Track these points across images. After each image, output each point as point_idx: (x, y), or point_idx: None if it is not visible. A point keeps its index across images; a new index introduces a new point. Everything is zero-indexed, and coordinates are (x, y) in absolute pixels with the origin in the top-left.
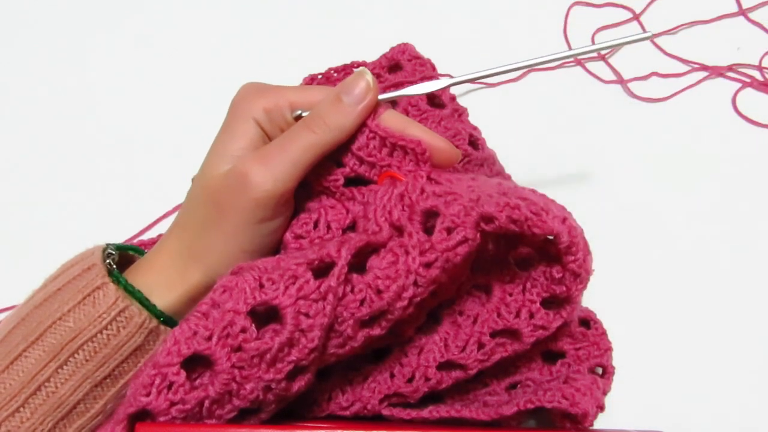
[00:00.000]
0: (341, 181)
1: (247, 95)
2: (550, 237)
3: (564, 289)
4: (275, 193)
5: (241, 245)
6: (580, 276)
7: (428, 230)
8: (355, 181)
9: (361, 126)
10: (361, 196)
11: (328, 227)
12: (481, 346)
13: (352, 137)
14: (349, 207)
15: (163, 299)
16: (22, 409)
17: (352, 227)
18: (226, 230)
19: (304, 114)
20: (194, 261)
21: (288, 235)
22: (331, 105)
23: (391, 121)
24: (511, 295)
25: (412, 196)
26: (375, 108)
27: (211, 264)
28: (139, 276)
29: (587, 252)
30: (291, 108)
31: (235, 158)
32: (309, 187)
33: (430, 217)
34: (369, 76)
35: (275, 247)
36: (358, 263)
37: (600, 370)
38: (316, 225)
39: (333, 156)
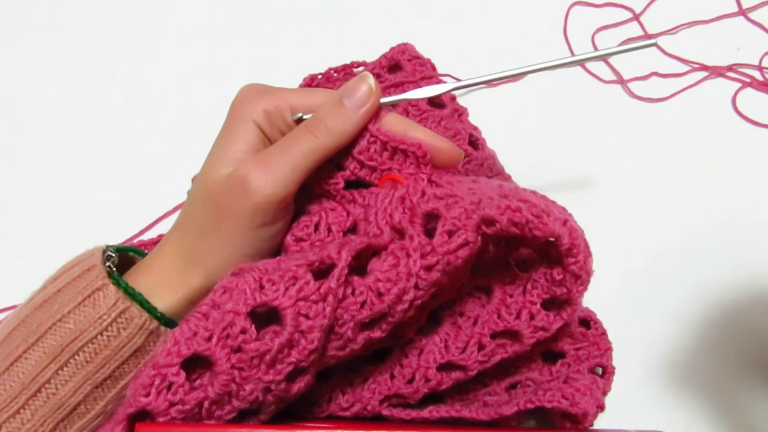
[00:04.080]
0: (342, 185)
1: (247, 97)
2: (551, 239)
3: (564, 290)
4: (275, 198)
5: (241, 249)
6: (581, 278)
7: (429, 233)
8: (356, 183)
9: (363, 130)
10: (361, 198)
11: (329, 230)
12: (481, 347)
13: (353, 141)
14: (349, 210)
15: (164, 301)
16: (22, 410)
17: (352, 230)
18: (225, 234)
19: (304, 117)
20: (194, 264)
21: (289, 238)
22: (332, 109)
23: (393, 124)
24: (511, 296)
25: (413, 198)
26: (377, 111)
27: (211, 267)
28: (140, 278)
29: (588, 254)
30: (291, 110)
31: (236, 161)
32: (309, 190)
33: (431, 220)
34: (371, 80)
35: (276, 251)
36: (359, 266)
37: (600, 370)
38: (316, 228)
39: (333, 159)
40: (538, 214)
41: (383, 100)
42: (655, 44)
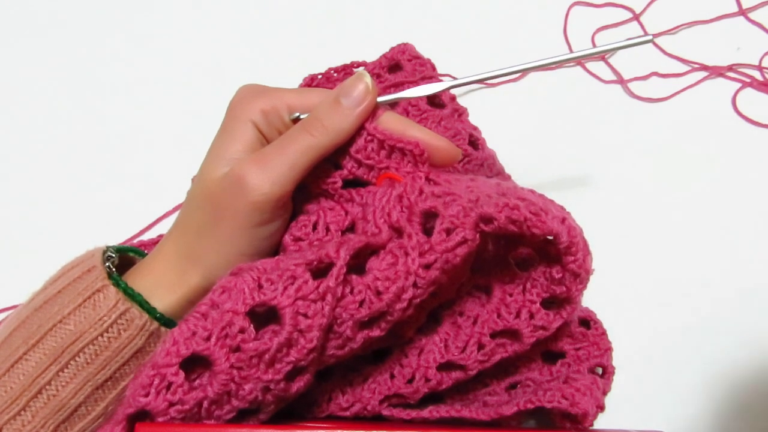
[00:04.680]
0: (339, 184)
1: (245, 97)
2: (550, 237)
3: (564, 289)
4: (273, 197)
5: (238, 248)
6: (580, 276)
7: (427, 231)
8: (354, 182)
9: (360, 128)
10: (359, 197)
11: (327, 229)
12: (481, 346)
13: (350, 140)
14: (347, 209)
15: (163, 302)
16: (23, 412)
17: (351, 229)
18: (223, 233)
19: (302, 116)
20: (193, 264)
21: (287, 238)
22: (329, 108)
23: (390, 123)
24: (511, 295)
25: (411, 197)
26: (374, 110)
27: (210, 267)
28: (139, 278)
29: (587, 252)
30: (289, 110)
31: (233, 161)
32: (307, 189)
33: (429, 218)
34: (368, 79)
35: (274, 250)
36: (358, 265)
37: (600, 370)
38: (314, 227)
39: (331, 158)
40: (536, 212)
41: (380, 99)
42: (651, 40)
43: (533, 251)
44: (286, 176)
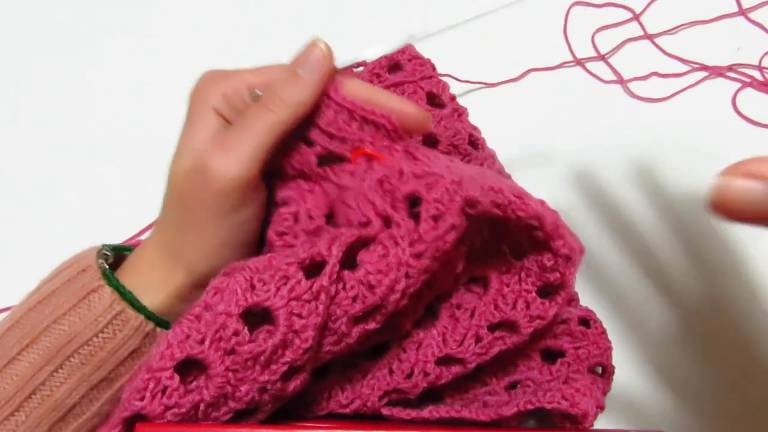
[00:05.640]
0: (314, 161)
1: (205, 84)
2: (534, 222)
3: (558, 275)
4: (240, 181)
5: (218, 239)
6: (572, 258)
7: (414, 215)
8: (329, 159)
9: (324, 98)
10: (335, 176)
11: (310, 217)
12: (478, 339)
13: (318, 113)
14: (326, 188)
15: (152, 300)
16: (17, 412)
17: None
18: (199, 227)
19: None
20: (176, 261)
21: (271, 234)
22: (286, 80)
23: (355, 89)
24: (507, 286)
25: (392, 180)
26: (333, 76)
27: (192, 262)
28: (126, 277)
29: (571, 233)
30: (249, 90)
31: (198, 152)
32: (283, 173)
33: (413, 201)
34: (322, 44)
35: (255, 237)
36: (348, 257)
37: (600, 370)
38: (296, 218)
39: (302, 135)
40: (520, 195)
41: (340, 65)
42: None
43: (523, 241)
44: (251, 157)
